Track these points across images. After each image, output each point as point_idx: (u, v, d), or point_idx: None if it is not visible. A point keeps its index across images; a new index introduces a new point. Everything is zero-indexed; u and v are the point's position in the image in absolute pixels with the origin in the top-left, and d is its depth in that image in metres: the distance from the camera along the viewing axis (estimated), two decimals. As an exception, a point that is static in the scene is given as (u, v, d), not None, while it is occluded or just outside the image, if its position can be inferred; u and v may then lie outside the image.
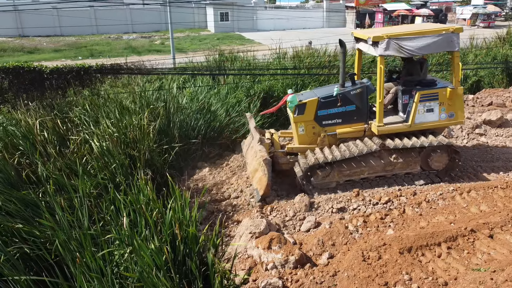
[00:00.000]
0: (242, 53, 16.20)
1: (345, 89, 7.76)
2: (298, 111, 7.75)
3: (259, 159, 7.39)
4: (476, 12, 46.24)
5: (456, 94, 7.62)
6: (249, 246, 5.83)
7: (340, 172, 7.56)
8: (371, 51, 7.55)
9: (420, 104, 7.53)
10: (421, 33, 7.28)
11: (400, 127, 7.64)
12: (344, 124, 7.85)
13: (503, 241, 5.78)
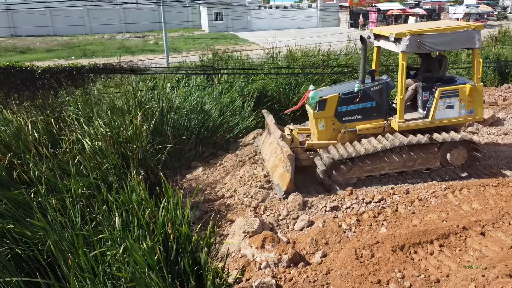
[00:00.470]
0: (236, 53, 16.19)
1: (366, 86, 7.80)
2: (319, 107, 7.76)
3: (280, 155, 7.48)
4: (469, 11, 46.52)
5: (476, 90, 7.65)
6: (243, 245, 5.83)
7: (361, 168, 7.58)
8: (392, 48, 7.63)
9: (441, 100, 7.57)
10: (442, 30, 7.37)
11: (420, 123, 7.69)
12: (364, 120, 7.88)
13: (494, 238, 5.83)
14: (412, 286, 4.88)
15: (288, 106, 12.60)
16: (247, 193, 7.45)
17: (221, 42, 33.92)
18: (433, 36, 7.30)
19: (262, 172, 8.11)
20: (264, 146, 8.80)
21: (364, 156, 7.44)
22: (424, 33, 7.25)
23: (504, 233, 5.93)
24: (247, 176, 8.04)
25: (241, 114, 10.94)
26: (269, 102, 12.38)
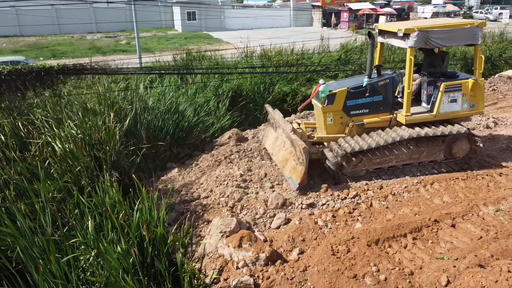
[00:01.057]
0: (210, 52, 16.11)
1: (374, 80, 7.94)
2: (328, 101, 7.82)
3: (290, 148, 7.59)
4: (436, 11, 47.95)
5: (478, 85, 7.90)
6: (220, 245, 5.81)
7: (371, 160, 7.69)
8: (399, 44, 7.81)
9: (445, 94, 7.77)
10: (448, 26, 7.60)
11: (426, 116, 7.89)
12: (371, 114, 8.02)
13: (464, 230, 6.02)
14: (387, 279, 4.98)
15: (263, 105, 12.64)
16: (224, 192, 7.42)
17: (195, 42, 33.69)
18: (439, 32, 7.49)
19: (238, 172, 8.11)
20: (268, 140, 8.88)
21: (374, 149, 7.55)
22: (431, 29, 7.44)
23: (473, 225, 6.13)
24: (223, 176, 8.02)
25: (216, 114, 10.90)
26: (244, 101, 12.39)
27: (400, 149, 7.72)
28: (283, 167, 7.86)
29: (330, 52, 18.08)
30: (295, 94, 13.38)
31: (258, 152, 9.07)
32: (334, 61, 16.80)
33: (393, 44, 8.18)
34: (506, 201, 6.76)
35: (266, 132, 9.34)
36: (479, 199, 6.81)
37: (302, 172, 7.13)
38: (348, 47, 18.40)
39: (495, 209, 6.53)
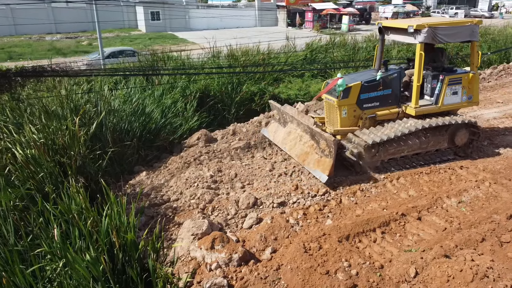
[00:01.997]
0: (176, 53, 15.90)
1: (385, 74, 8.24)
2: (343, 95, 8.01)
3: (310, 141, 7.82)
4: (396, 11, 49.46)
5: (475, 78, 8.49)
6: (192, 247, 5.74)
7: (386, 151, 8.00)
8: (407, 40, 8.21)
9: (448, 87, 8.27)
10: (453, 23, 8.15)
11: (432, 108, 8.33)
12: (381, 107, 8.35)
13: (430, 222, 6.24)
14: (359, 273, 5.09)
15: (231, 105, 12.61)
16: (194, 194, 7.34)
17: (160, 42, 33.16)
18: (445, 29, 7.91)
19: (208, 173, 8.05)
20: (277, 135, 9.00)
21: (390, 139, 7.83)
22: (439, 26, 7.84)
23: (438, 217, 6.37)
24: (193, 178, 7.93)
25: (184, 115, 10.76)
26: (212, 101, 12.31)
27: (412, 139, 8.12)
28: (303, 161, 7.99)
29: (296, 51, 18.27)
30: (263, 94, 13.42)
31: (228, 153, 9.04)
32: (300, 61, 16.99)
33: (399, 40, 8.62)
34: (467, 193, 7.07)
35: (271, 127, 9.44)
36: (443, 192, 7.08)
37: (330, 164, 7.31)
38: (313, 46, 18.65)
39: (458, 201, 6.82)
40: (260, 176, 8.08)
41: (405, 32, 8.11)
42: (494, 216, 6.25)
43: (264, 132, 9.65)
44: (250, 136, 9.70)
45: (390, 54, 18.37)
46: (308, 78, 15.41)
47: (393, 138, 7.80)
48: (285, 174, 8.15)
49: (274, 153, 9.17)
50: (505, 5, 64.60)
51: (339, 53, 18.29)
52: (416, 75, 7.99)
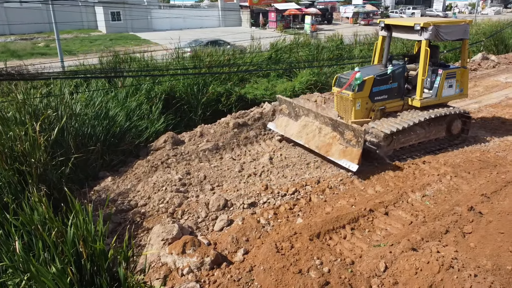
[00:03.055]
0: (139, 54, 15.54)
1: (394, 68, 8.77)
2: (359, 88, 8.40)
3: (332, 133, 8.20)
4: (357, 11, 50.69)
5: (465, 73, 9.40)
6: (163, 253, 5.63)
7: (399, 140, 8.56)
8: (412, 37, 8.82)
9: (446, 81, 9.05)
10: (451, 22, 8.99)
11: (432, 100, 9.08)
12: (389, 99, 8.89)
13: (396, 217, 6.42)
14: (331, 270, 5.16)
15: (198, 106, 12.48)
16: (163, 199, 7.21)
17: (122, 43, 32.37)
18: (446, 28, 8.68)
19: (177, 176, 7.92)
20: (291, 129, 9.24)
21: (402, 129, 8.31)
22: (441, 24, 8.59)
23: (404, 211, 6.57)
24: (161, 182, 7.78)
25: (149, 118, 10.53)
26: (178, 103, 12.13)
27: (420, 129, 8.81)
28: (325, 152, 8.23)
29: (261, 51, 18.33)
30: (229, 94, 13.37)
31: (196, 155, 8.94)
32: (265, 61, 17.06)
33: (403, 37, 9.32)
34: (431, 186, 7.34)
35: (280, 122, 9.67)
36: (407, 186, 7.31)
37: (358, 153, 7.62)
38: (278, 46, 18.77)
39: (422, 195, 7.06)
40: (230, 177, 8.04)
41: (410, 29, 8.70)
42: (456, 208, 6.52)
43: (272, 127, 9.88)
44: (218, 137, 9.64)
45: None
46: (274, 78, 15.49)
47: (406, 128, 8.34)
48: (255, 174, 8.15)
49: (243, 154, 9.16)
50: (457, 5, 67.68)
51: (303, 52, 18.50)
52: (421, 69, 8.62)
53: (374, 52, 10.04)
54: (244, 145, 9.60)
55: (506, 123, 10.80)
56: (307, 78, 15.01)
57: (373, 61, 10.02)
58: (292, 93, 14.18)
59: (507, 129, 10.37)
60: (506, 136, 9.93)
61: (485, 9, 62.08)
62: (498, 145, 9.38)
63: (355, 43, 21.64)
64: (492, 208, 6.52)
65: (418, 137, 8.87)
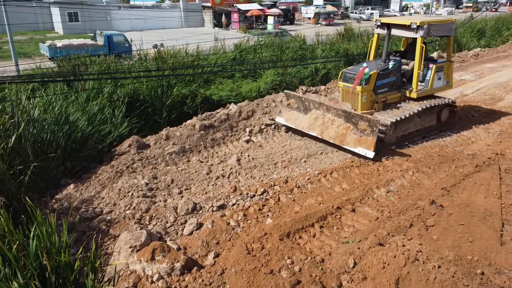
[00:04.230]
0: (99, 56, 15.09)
1: (393, 63, 9.59)
2: (365, 82, 9.16)
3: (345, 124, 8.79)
4: (318, 11, 51.53)
5: (451, 66, 10.49)
6: (131, 261, 5.49)
7: (400, 128, 9.36)
8: (407, 34, 9.71)
9: (436, 74, 9.96)
10: (440, 21, 9.98)
11: (425, 91, 10.03)
12: (389, 92, 9.74)
13: (363, 213, 6.58)
14: (302, 269, 5.21)
15: (162, 109, 12.28)
16: (129, 204, 7.03)
17: (80, 45, 31.24)
18: (436, 26, 9.62)
19: (143, 181, 7.76)
20: (301, 122, 9.75)
21: (404, 118, 9.13)
22: (432, 23, 9.53)
23: (370, 207, 6.74)
24: (126, 187, 7.59)
25: (112, 122, 10.25)
26: (142, 106, 11.88)
27: (417, 118, 9.63)
28: (340, 142, 8.79)
29: (226, 52, 18.28)
30: (194, 96, 13.24)
31: (162, 158, 8.78)
32: (230, 61, 17.02)
33: (399, 34, 10.15)
34: (394, 182, 7.57)
35: (288, 115, 10.17)
36: (372, 183, 7.51)
37: (373, 142, 8.25)
38: (242, 47, 18.78)
39: (386, 190, 7.28)
40: (198, 180, 7.96)
41: (406, 27, 9.59)
42: (419, 202, 6.76)
43: (280, 121, 10.34)
44: (185, 140, 9.52)
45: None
46: (239, 78, 15.49)
47: (408, 117, 9.19)
48: (223, 176, 8.12)
49: (210, 156, 9.10)
50: (413, 6, 70.27)
51: (267, 53, 18.61)
52: (417, 63, 9.58)
53: (369, 48, 10.90)
54: (211, 147, 9.54)
55: (462, 118, 11.32)
56: (272, 79, 15.12)
57: (369, 57, 10.87)
58: (257, 93, 14.24)
59: (463, 124, 10.87)
60: (462, 131, 10.42)
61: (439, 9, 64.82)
62: (456, 140, 9.83)
63: (317, 43, 22.00)
64: (452, 201, 6.81)
65: (415, 125, 9.73)
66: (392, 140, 9.30)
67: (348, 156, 8.89)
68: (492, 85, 15.34)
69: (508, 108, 12.40)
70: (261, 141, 9.93)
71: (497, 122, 11.12)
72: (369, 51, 10.86)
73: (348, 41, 21.99)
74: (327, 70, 18.20)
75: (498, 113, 11.91)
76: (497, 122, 11.17)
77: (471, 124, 10.91)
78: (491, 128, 10.70)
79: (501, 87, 15.06)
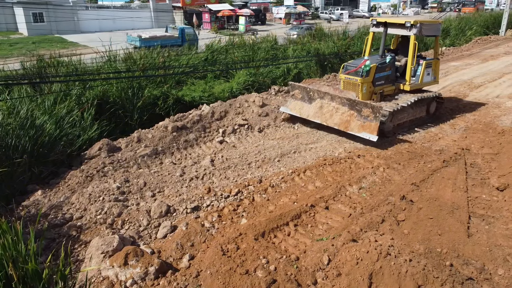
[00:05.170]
0: (66, 58, 14.66)
1: (390, 58, 10.53)
2: (366, 74, 9.91)
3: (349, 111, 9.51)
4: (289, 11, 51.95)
5: (437, 63, 11.57)
6: (103, 267, 5.36)
7: (396, 117, 10.12)
8: (402, 32, 10.60)
9: (425, 69, 10.98)
10: (429, 22, 11.13)
11: (417, 85, 10.96)
12: (385, 84, 10.58)
13: (336, 210, 6.67)
14: (277, 268, 5.23)
15: (133, 111, 12.05)
16: (100, 209, 6.87)
17: (47, 47, 30.41)
18: (426, 25, 10.62)
19: (115, 184, 7.59)
20: (306, 110, 10.50)
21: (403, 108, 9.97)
22: (423, 22, 10.57)
23: (343, 204, 6.84)
24: (97, 192, 7.41)
25: (81, 125, 9.97)
26: (112, 108, 11.62)
27: (411, 108, 10.46)
28: (345, 128, 9.51)
29: (198, 53, 18.13)
30: (166, 97, 13.06)
31: (134, 161, 8.62)
32: (202, 62, 16.89)
33: (394, 32, 11.01)
34: (366, 179, 7.71)
35: (293, 105, 10.85)
36: (345, 180, 7.63)
37: (376, 126, 8.97)
38: (213, 47, 18.68)
39: (358, 187, 7.40)
40: (171, 183, 7.86)
41: (401, 26, 10.52)
42: (390, 198, 6.92)
43: (285, 110, 10.99)
44: (157, 142, 9.38)
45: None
46: (211, 79, 15.39)
47: (405, 107, 10.02)
48: (196, 178, 8.05)
49: (184, 158, 9.01)
50: (381, 6, 71.91)
51: (239, 53, 18.58)
52: (410, 59, 10.55)
53: (365, 45, 11.70)
54: (184, 149, 9.44)
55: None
56: (244, 79, 15.10)
57: (364, 53, 11.55)
58: (230, 94, 14.19)
59: (431, 121, 11.21)
60: (429, 128, 10.74)
61: (406, 10, 66.60)
62: (424, 137, 10.11)
63: (289, 43, 22.15)
64: (421, 196, 7.01)
65: (408, 116, 10.56)
66: (389, 129, 9.97)
67: (321, 155, 8.99)
68: (457, 83, 15.88)
69: (472, 104, 12.87)
70: (235, 141, 9.91)
71: (462, 119, 11.53)
72: (365, 48, 11.63)
73: (319, 41, 22.24)
74: (299, 69, 18.34)
75: (463, 110, 12.34)
76: (462, 118, 11.57)
77: (438, 121, 11.26)
78: (457, 124, 11.08)
79: (466, 84, 15.62)
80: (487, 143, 9.52)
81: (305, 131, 10.58)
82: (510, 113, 11.92)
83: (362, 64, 9.98)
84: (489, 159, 8.61)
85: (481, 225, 6.23)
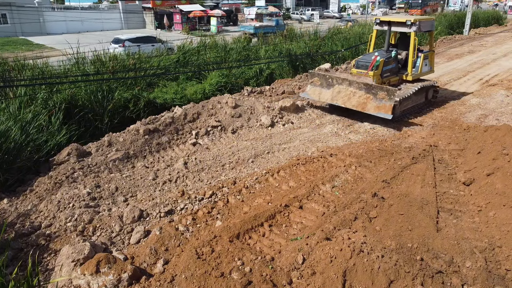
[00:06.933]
0: (32, 60, 14.21)
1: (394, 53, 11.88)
2: (376, 68, 11.30)
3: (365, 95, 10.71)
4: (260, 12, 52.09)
5: (433, 55, 13.09)
6: (74, 275, 5.21)
7: (402, 104, 11.27)
8: (404, 30, 11.92)
9: (424, 61, 12.38)
10: (426, 19, 12.35)
11: (417, 75, 12.34)
12: (391, 76, 11.97)
13: (310, 209, 6.73)
14: (252, 269, 5.22)
15: (103, 114, 11.80)
16: (70, 216, 6.68)
17: (10, 49, 29.35)
18: (423, 22, 11.98)
19: (85, 190, 7.40)
20: (325, 95, 11.67)
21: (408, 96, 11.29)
22: (421, 20, 11.93)
23: (316, 203, 6.91)
24: (67, 198, 7.20)
25: (49, 130, 9.68)
26: (81, 112, 11.34)
27: (414, 96, 11.67)
28: (362, 108, 10.70)
29: (169, 54, 17.93)
30: (137, 100, 12.86)
31: (105, 166, 8.43)
32: (173, 64, 16.72)
33: (396, 30, 12.33)
34: (338, 177, 7.82)
35: (312, 91, 12.09)
36: (318, 179, 7.71)
37: (391, 106, 10.18)
38: (185, 49, 18.52)
39: (331, 186, 7.50)
40: (144, 187, 7.74)
41: (402, 24, 11.84)
42: (362, 196, 7.03)
43: (306, 96, 12.31)
44: (129, 146, 9.21)
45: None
46: (183, 81, 15.25)
47: (410, 95, 11.35)
48: (170, 181, 7.96)
49: (156, 161, 8.88)
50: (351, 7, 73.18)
51: (211, 54, 18.50)
52: (411, 52, 11.94)
53: (369, 42, 13.20)
54: (157, 152, 9.31)
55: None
56: (216, 80, 15.04)
57: (368, 49, 13.17)
58: (203, 95, 14.11)
59: (400, 119, 11.49)
60: (399, 125, 11.00)
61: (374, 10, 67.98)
62: (394, 134, 10.35)
63: (261, 44, 22.22)
64: (392, 193, 7.16)
65: (412, 102, 11.79)
66: (397, 114, 11.03)
67: (294, 154, 9.06)
68: (425, 81, 16.33)
69: (439, 102, 13.28)
70: (208, 143, 9.86)
71: (430, 116, 11.88)
72: (369, 45, 13.15)
73: (291, 42, 22.41)
74: (271, 70, 18.43)
75: (431, 107, 12.72)
76: (430, 115, 11.93)
77: (407, 119, 11.56)
78: (424, 121, 11.41)
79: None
80: (454, 140, 9.84)
81: (278, 131, 10.63)
82: (474, 110, 12.37)
83: (374, 60, 11.28)
84: (455, 155, 8.90)
85: (449, 219, 6.42)
